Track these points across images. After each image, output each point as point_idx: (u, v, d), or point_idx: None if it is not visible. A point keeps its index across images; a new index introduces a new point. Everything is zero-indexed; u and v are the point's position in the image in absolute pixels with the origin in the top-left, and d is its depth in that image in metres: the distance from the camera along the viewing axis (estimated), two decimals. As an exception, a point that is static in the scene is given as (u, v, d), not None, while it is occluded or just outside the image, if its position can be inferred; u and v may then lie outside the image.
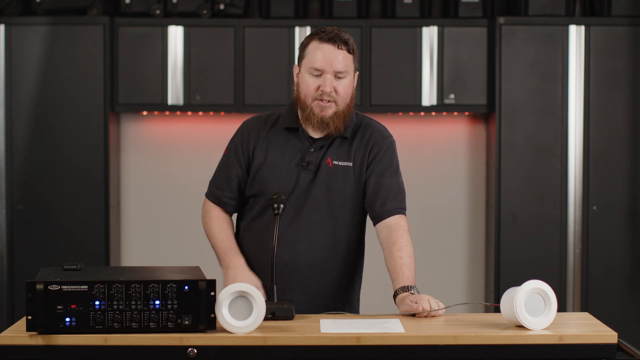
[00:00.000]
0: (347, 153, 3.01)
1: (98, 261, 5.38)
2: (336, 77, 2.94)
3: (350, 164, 3.00)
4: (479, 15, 5.45)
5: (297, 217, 2.98)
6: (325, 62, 2.92)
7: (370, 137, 3.04)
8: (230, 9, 5.51)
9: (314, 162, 2.99)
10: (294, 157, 3.01)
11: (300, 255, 2.98)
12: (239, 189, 3.09)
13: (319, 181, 2.99)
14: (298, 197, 2.98)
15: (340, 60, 2.93)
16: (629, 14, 5.39)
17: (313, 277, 3.00)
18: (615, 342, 2.52)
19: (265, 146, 3.04)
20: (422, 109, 5.47)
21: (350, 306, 3.08)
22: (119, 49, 5.44)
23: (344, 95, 2.96)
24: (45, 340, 2.46)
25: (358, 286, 3.14)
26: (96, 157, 5.41)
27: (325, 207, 2.99)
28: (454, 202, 5.76)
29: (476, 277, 5.79)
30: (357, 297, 3.15)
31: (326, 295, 3.02)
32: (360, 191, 3.02)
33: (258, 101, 5.41)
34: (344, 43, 2.93)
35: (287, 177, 2.99)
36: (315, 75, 2.94)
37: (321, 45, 2.93)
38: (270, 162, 3.02)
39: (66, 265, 2.69)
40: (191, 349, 2.47)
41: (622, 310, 5.40)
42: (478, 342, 2.50)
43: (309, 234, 2.98)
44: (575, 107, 5.39)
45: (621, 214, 5.41)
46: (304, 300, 2.97)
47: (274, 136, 3.04)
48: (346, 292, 3.07)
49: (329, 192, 2.99)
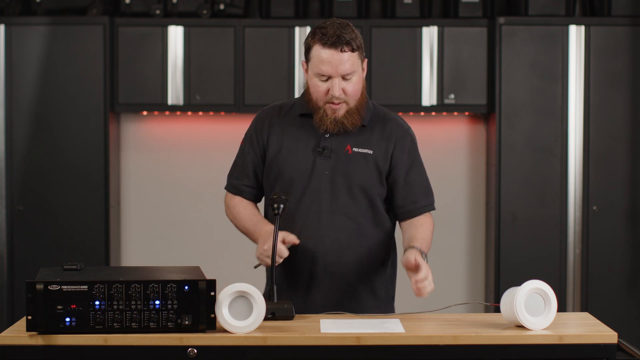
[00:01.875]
0: (367, 141, 3.02)
1: (98, 261, 5.38)
2: (344, 79, 2.95)
3: (371, 152, 3.01)
4: (479, 15, 5.45)
5: (318, 202, 2.98)
6: (330, 68, 2.92)
7: (392, 130, 3.05)
8: (230, 9, 5.51)
9: (330, 147, 3.00)
10: (309, 142, 3.01)
11: (324, 241, 2.98)
12: (255, 177, 3.09)
13: (337, 167, 2.99)
14: (317, 183, 2.99)
15: (345, 62, 2.92)
16: (629, 14, 5.39)
17: (339, 263, 2.99)
18: (615, 342, 2.52)
19: (280, 133, 3.04)
20: (422, 109, 5.47)
21: (378, 297, 3.05)
22: (119, 49, 5.44)
23: (353, 94, 2.97)
24: (45, 340, 2.46)
25: (389, 279, 3.11)
26: (96, 157, 5.41)
27: (346, 193, 2.99)
28: (454, 202, 5.76)
29: (476, 277, 5.79)
30: (388, 290, 3.10)
31: (353, 282, 3.01)
32: (380, 180, 3.02)
33: (258, 101, 5.41)
34: (346, 44, 2.92)
35: (303, 162, 3.00)
36: (323, 80, 2.95)
37: (324, 51, 2.92)
38: (286, 148, 3.02)
39: (66, 265, 2.69)
40: (191, 349, 2.47)
41: (622, 310, 5.40)
42: (478, 342, 2.50)
43: (330, 219, 2.98)
44: (575, 107, 5.39)
45: (621, 214, 5.41)
46: (331, 287, 2.99)
47: (289, 123, 3.05)
48: (375, 281, 3.04)
49: (349, 178, 2.99)
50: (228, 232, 5.74)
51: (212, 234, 5.74)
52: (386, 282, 3.09)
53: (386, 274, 3.09)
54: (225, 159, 5.70)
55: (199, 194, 5.75)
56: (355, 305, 2.98)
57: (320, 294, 2.99)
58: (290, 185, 3.00)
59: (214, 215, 5.75)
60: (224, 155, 5.72)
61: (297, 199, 2.98)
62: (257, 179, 3.10)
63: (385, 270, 3.08)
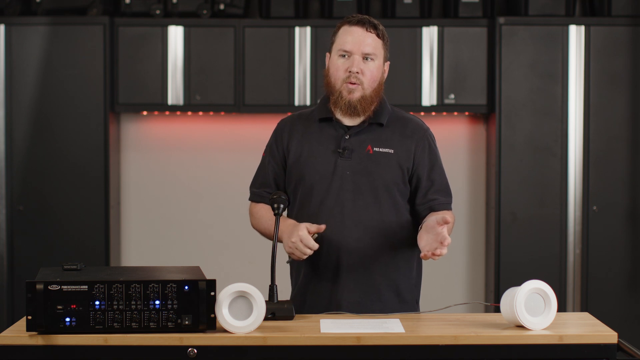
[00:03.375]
0: (388, 140, 3.02)
1: (98, 261, 5.38)
2: (364, 60, 2.96)
3: (392, 151, 3.01)
4: (479, 15, 5.45)
5: (341, 203, 2.98)
6: (353, 44, 2.96)
7: (413, 130, 3.05)
8: (230, 9, 5.51)
9: (350, 148, 3.00)
10: (330, 144, 3.02)
11: (348, 241, 2.97)
12: (277, 186, 3.10)
13: (359, 167, 2.99)
14: (339, 183, 2.99)
15: (369, 42, 2.97)
16: (629, 14, 5.39)
17: (362, 263, 2.98)
18: (615, 342, 2.52)
19: (300, 139, 3.05)
20: (422, 109, 5.47)
21: (402, 298, 3.04)
22: (119, 49, 5.44)
23: (370, 78, 2.98)
24: (45, 340, 2.46)
25: (414, 279, 3.09)
26: (96, 157, 5.41)
27: (369, 192, 2.99)
28: (454, 202, 5.71)
29: (476, 277, 5.79)
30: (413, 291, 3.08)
31: (377, 283, 3.00)
32: (403, 180, 3.02)
33: (258, 101, 5.41)
34: (373, 27, 2.99)
35: (324, 164, 3.00)
36: (344, 57, 2.97)
37: (350, 29, 2.98)
38: (307, 152, 3.03)
39: (66, 265, 2.69)
40: (191, 349, 2.47)
41: (622, 310, 5.40)
42: (478, 342, 2.50)
43: (354, 219, 2.97)
44: (575, 107, 5.39)
45: (621, 214, 5.41)
46: (355, 288, 2.98)
47: (309, 128, 3.06)
48: (400, 282, 3.03)
49: (371, 177, 2.99)
50: (228, 232, 5.78)
51: (212, 234, 5.74)
52: (411, 285, 3.07)
53: (412, 277, 3.07)
54: (225, 159, 5.74)
55: (199, 194, 5.75)
56: (378, 306, 2.97)
57: (345, 295, 2.98)
58: (312, 188, 3.00)
59: (214, 215, 5.76)
60: (224, 155, 5.75)
61: (319, 200, 2.99)
62: (278, 188, 3.11)
63: (410, 272, 3.07)
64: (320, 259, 2.99)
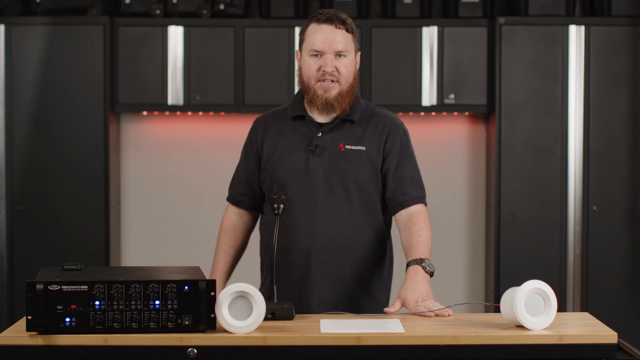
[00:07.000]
0: (360, 138, 3.02)
1: (98, 261, 5.38)
2: (337, 57, 2.95)
3: (364, 148, 3.01)
4: (479, 15, 5.45)
5: (313, 201, 2.98)
6: (324, 43, 2.94)
7: (384, 125, 3.04)
8: (230, 9, 5.51)
9: (322, 145, 3.00)
10: (302, 142, 3.02)
11: (318, 239, 2.98)
12: (250, 186, 3.12)
13: (331, 165, 2.99)
14: (311, 181, 2.99)
15: (339, 39, 2.96)
16: (629, 14, 5.39)
17: (333, 261, 2.98)
18: (615, 342, 2.52)
19: (273, 137, 3.06)
20: (422, 109, 5.47)
21: (372, 297, 3.04)
22: (119, 49, 5.44)
23: (346, 75, 2.97)
24: (45, 340, 2.46)
25: (385, 278, 3.09)
26: (96, 157, 5.41)
27: (340, 190, 2.99)
28: (454, 202, 5.76)
29: (476, 277, 5.79)
30: (383, 289, 3.09)
31: (348, 281, 3.00)
32: (375, 177, 3.02)
33: (258, 101, 5.41)
34: (341, 22, 2.97)
35: (296, 162, 3.00)
36: (315, 57, 2.96)
37: (319, 27, 2.96)
38: (280, 150, 3.03)
39: (66, 265, 2.69)
40: (191, 349, 2.47)
41: (622, 310, 5.40)
42: (478, 342, 2.50)
43: (325, 218, 2.98)
44: (575, 107, 5.39)
45: (621, 214, 5.41)
46: (326, 286, 2.98)
47: (282, 126, 3.06)
48: (370, 281, 3.03)
49: (343, 175, 2.99)
50: (228, 232, 5.77)
51: (212, 234, 5.70)
52: (382, 284, 3.08)
53: (383, 275, 3.08)
54: (225, 159, 5.73)
55: (199, 194, 5.75)
56: (349, 305, 2.98)
57: (315, 293, 2.98)
58: (284, 185, 3.00)
59: (214, 215, 5.73)
60: (224, 155, 5.74)
61: (291, 197, 2.98)
62: (253, 188, 3.12)
63: (381, 271, 3.07)
64: (291, 256, 2.99)
